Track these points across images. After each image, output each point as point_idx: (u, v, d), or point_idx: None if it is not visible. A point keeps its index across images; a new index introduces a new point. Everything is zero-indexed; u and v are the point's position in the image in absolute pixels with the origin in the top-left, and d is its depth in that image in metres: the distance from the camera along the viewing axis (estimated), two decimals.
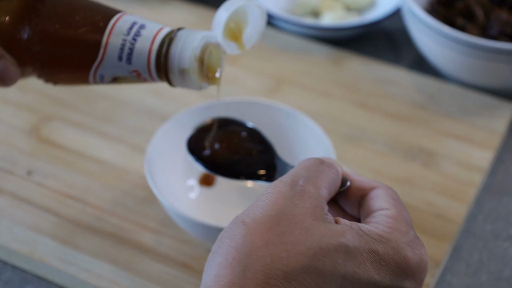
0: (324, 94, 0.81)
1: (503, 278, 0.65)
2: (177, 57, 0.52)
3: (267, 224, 0.42)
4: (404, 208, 0.47)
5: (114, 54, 0.53)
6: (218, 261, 0.41)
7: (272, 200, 0.43)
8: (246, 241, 0.41)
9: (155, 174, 0.63)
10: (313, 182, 0.45)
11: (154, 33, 0.53)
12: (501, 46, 0.76)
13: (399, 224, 0.45)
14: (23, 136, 0.75)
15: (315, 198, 0.44)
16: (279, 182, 0.44)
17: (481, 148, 0.75)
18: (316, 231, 0.42)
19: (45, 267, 0.64)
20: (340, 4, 0.93)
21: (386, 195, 0.47)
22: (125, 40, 0.53)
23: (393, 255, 0.43)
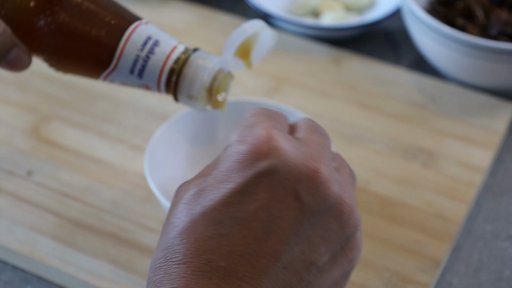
0: (324, 94, 0.81)
1: (503, 278, 0.65)
2: (187, 84, 0.54)
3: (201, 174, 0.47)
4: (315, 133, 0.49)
5: (126, 67, 0.54)
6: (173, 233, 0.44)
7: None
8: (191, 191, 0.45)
9: (155, 174, 0.63)
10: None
11: (167, 52, 0.54)
12: (501, 46, 0.76)
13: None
14: (23, 136, 0.75)
15: None
16: None
17: (481, 148, 0.75)
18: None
19: (45, 267, 0.64)
20: (340, 4, 0.93)
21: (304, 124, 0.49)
22: (138, 56, 0.54)
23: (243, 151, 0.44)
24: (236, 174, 0.43)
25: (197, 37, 0.89)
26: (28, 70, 0.82)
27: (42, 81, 0.81)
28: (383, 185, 0.71)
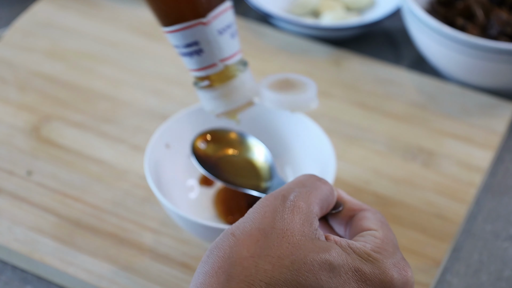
0: (324, 94, 0.81)
1: (503, 278, 0.65)
2: (220, 99, 0.58)
3: (255, 237, 0.43)
4: (391, 231, 0.48)
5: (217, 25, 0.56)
6: (205, 269, 0.42)
7: (262, 213, 0.44)
8: (233, 251, 0.42)
9: (155, 174, 0.63)
10: (305, 198, 0.45)
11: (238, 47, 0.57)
12: (501, 46, 0.76)
13: (386, 245, 0.46)
14: (23, 136, 0.75)
15: (305, 213, 0.44)
16: (270, 196, 0.45)
17: (481, 148, 0.75)
18: (302, 246, 0.42)
19: (45, 267, 0.64)
20: (340, 4, 0.93)
21: (374, 218, 0.48)
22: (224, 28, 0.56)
23: (379, 275, 0.44)
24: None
25: None
26: (28, 70, 0.82)
27: (42, 81, 0.81)
28: (383, 185, 0.71)
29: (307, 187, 0.46)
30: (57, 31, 0.88)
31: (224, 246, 0.43)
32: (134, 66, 0.84)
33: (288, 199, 0.45)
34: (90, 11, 0.91)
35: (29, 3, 0.93)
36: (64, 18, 0.90)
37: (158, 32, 0.89)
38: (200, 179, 0.69)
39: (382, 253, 0.45)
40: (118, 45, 0.87)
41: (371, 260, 0.44)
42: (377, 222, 0.48)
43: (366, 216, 0.48)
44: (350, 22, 0.88)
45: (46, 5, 0.91)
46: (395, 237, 0.47)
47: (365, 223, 0.48)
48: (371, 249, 0.45)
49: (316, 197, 0.46)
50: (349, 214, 0.49)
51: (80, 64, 0.84)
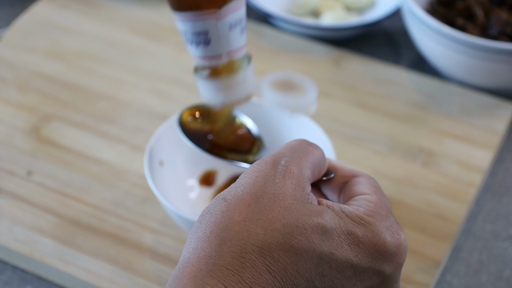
0: (324, 94, 0.81)
1: (503, 278, 0.65)
2: (220, 91, 0.57)
3: (247, 201, 0.43)
4: (384, 196, 0.48)
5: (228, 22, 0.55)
6: (198, 235, 0.42)
7: (253, 178, 0.44)
8: (225, 216, 0.42)
9: (155, 174, 0.63)
10: (296, 162, 0.45)
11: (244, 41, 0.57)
12: (501, 46, 0.76)
13: (379, 208, 0.46)
14: (23, 136, 0.75)
15: (296, 178, 0.44)
16: (261, 161, 0.45)
17: (481, 148, 0.75)
18: (294, 210, 0.43)
19: (45, 267, 0.64)
20: (340, 4, 0.93)
21: (368, 182, 0.48)
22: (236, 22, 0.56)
23: (372, 238, 0.44)
24: (363, 253, 0.44)
25: None
26: (28, 70, 0.82)
27: (42, 81, 0.81)
28: (383, 185, 0.71)
29: (298, 152, 0.46)
30: (57, 31, 0.88)
31: (215, 211, 0.43)
32: (134, 66, 0.84)
33: (280, 164, 0.45)
34: (90, 11, 0.91)
35: (29, 3, 0.93)
36: (64, 18, 0.90)
37: (158, 32, 0.89)
38: (200, 179, 0.69)
39: (375, 217, 0.45)
40: (118, 45, 0.87)
41: (364, 224, 0.44)
42: (370, 186, 0.48)
43: (360, 181, 0.48)
44: (350, 22, 0.88)
45: (46, 5, 0.91)
46: (389, 201, 0.48)
47: (358, 187, 0.48)
48: (364, 213, 0.45)
49: (308, 161, 0.46)
50: (343, 181, 0.49)
51: (80, 64, 0.84)
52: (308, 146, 0.47)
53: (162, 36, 0.88)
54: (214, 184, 0.69)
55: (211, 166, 0.70)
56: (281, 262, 0.41)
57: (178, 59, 0.85)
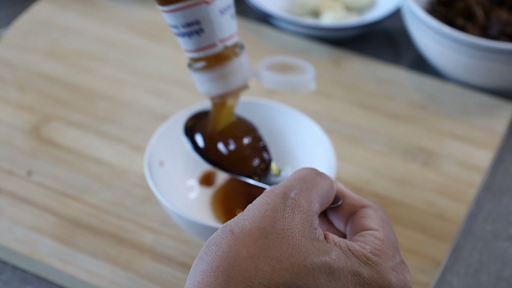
0: (324, 94, 0.81)
1: (503, 278, 0.65)
2: (216, 81, 0.56)
3: (255, 236, 0.42)
4: (392, 231, 0.47)
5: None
6: (203, 267, 0.42)
7: (262, 211, 0.43)
8: (232, 251, 0.41)
9: (155, 174, 0.63)
10: (306, 195, 0.45)
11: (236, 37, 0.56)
12: (501, 46, 0.76)
13: (386, 247, 0.45)
14: (23, 136, 0.75)
15: (305, 212, 0.44)
16: (271, 193, 0.44)
17: (481, 148, 0.75)
18: (302, 248, 0.42)
19: (45, 267, 0.64)
20: (340, 4, 0.93)
21: (376, 216, 0.47)
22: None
23: (377, 279, 0.43)
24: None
25: None
26: (28, 70, 0.82)
27: (42, 81, 0.81)
28: (383, 185, 0.71)
29: (308, 183, 0.46)
30: (57, 31, 0.88)
31: (222, 244, 0.42)
32: (134, 66, 0.84)
33: (289, 197, 0.44)
34: (90, 11, 0.91)
35: (29, 3, 0.93)
36: (64, 18, 0.90)
37: (158, 32, 0.89)
38: (200, 179, 0.69)
39: (381, 256, 0.44)
40: (118, 45, 0.87)
41: (370, 264, 0.44)
42: (379, 221, 0.47)
43: (368, 214, 0.48)
44: (350, 22, 0.88)
45: (46, 5, 0.91)
46: (396, 237, 0.47)
47: (366, 221, 0.47)
48: (370, 252, 0.44)
49: (317, 194, 0.45)
50: (350, 210, 0.48)
51: (80, 64, 0.84)
52: (317, 176, 0.47)
53: (162, 36, 0.88)
54: (214, 184, 0.69)
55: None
56: None
57: (178, 59, 0.85)
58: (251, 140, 0.61)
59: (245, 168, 0.60)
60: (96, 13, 0.91)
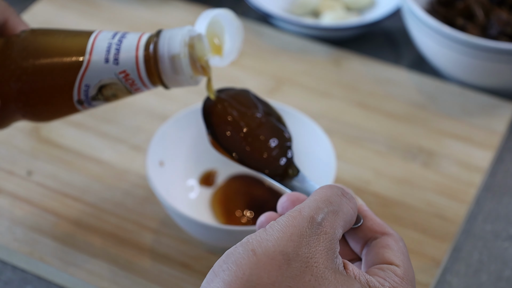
0: (324, 94, 0.81)
1: (503, 278, 0.65)
2: (167, 45, 0.52)
3: (278, 261, 0.41)
4: (411, 267, 0.46)
5: (100, 57, 0.53)
6: (219, 286, 0.40)
7: (287, 234, 0.42)
8: (253, 274, 0.40)
9: (155, 174, 0.63)
10: (331, 221, 0.43)
11: (139, 35, 0.54)
12: (501, 46, 0.76)
13: (404, 286, 0.44)
14: (23, 136, 0.75)
15: (330, 240, 0.43)
16: (298, 214, 0.43)
17: (481, 148, 0.75)
18: (326, 280, 0.41)
19: (45, 267, 0.64)
20: (340, 4, 0.93)
21: (397, 248, 0.46)
22: (110, 43, 0.53)
23: None
24: None
25: None
26: None
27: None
28: (383, 185, 0.71)
29: (334, 205, 0.44)
30: None
31: (243, 265, 0.40)
32: None
33: (316, 222, 0.43)
34: (90, 11, 0.91)
35: (29, 3, 0.93)
36: (64, 18, 0.90)
37: None
38: (200, 179, 0.69)
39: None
40: None
41: None
42: (400, 254, 0.46)
43: (389, 245, 0.46)
44: (350, 22, 0.88)
45: (46, 5, 0.91)
46: (414, 273, 0.46)
47: (387, 253, 0.46)
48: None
49: (342, 219, 0.44)
50: (370, 235, 0.47)
51: None
52: (343, 197, 0.45)
53: None
54: (214, 184, 0.69)
55: (211, 166, 0.70)
56: None
57: None
58: (279, 137, 0.58)
59: (267, 164, 0.56)
60: (96, 13, 0.91)
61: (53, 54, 0.54)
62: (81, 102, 0.55)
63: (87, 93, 0.54)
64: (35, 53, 0.54)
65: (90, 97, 0.54)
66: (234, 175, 0.70)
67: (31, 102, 0.55)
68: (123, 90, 0.54)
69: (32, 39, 0.55)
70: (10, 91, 0.54)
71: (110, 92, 0.54)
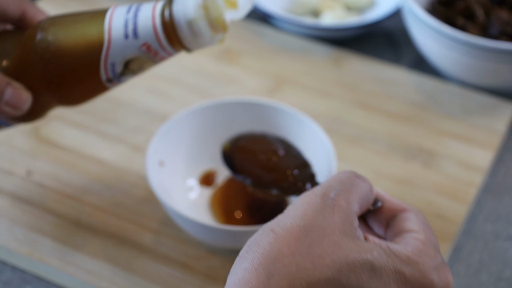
0: (324, 94, 0.81)
1: (503, 278, 0.65)
2: (182, 11, 0.52)
3: (296, 234, 0.42)
4: (433, 233, 0.47)
5: (119, 34, 0.53)
6: (244, 265, 0.42)
7: (302, 211, 0.43)
8: (273, 248, 0.41)
9: (155, 174, 0.63)
10: (345, 196, 0.45)
11: (152, 5, 0.54)
12: (501, 46, 0.76)
13: (427, 248, 0.45)
14: (23, 136, 0.75)
15: (345, 212, 0.44)
16: (311, 193, 0.44)
17: (481, 148, 0.75)
18: (344, 245, 0.42)
19: (45, 267, 0.64)
20: (340, 4, 0.93)
21: (417, 219, 0.47)
22: (126, 18, 0.53)
23: (419, 278, 0.43)
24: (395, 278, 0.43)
25: None
26: None
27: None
28: (383, 185, 0.71)
29: (347, 185, 0.46)
30: None
31: (263, 243, 0.42)
32: None
33: (329, 197, 0.44)
34: None
35: None
36: None
37: None
38: (200, 179, 0.69)
39: (422, 257, 0.44)
40: None
41: (412, 263, 0.43)
42: (419, 223, 0.47)
43: (408, 217, 0.47)
44: (350, 22, 0.88)
45: (46, 5, 0.91)
46: (437, 239, 0.47)
47: (406, 224, 0.47)
48: (412, 252, 0.44)
49: (356, 195, 0.46)
50: (390, 215, 0.48)
51: None
52: (356, 179, 0.47)
53: None
54: (214, 184, 0.69)
55: (211, 166, 0.70)
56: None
57: (178, 59, 0.85)
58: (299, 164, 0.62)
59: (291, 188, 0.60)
60: None
61: (73, 40, 0.55)
62: (110, 80, 0.55)
63: (114, 71, 0.55)
64: (56, 42, 0.55)
65: (117, 74, 0.55)
66: None
67: (62, 90, 0.56)
68: (148, 61, 0.55)
69: (51, 28, 0.56)
70: (40, 82, 0.56)
71: (136, 65, 0.55)
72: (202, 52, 0.87)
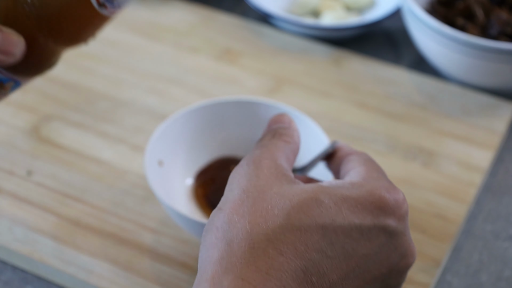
0: (324, 94, 0.81)
1: (503, 278, 0.65)
2: None
3: (239, 201, 0.45)
4: (378, 166, 0.49)
5: None
6: (205, 244, 0.44)
7: (236, 182, 0.46)
8: (225, 221, 0.44)
9: (155, 174, 0.63)
10: (268, 155, 0.48)
11: None
12: (501, 46, 0.76)
13: (370, 173, 0.47)
14: (23, 136, 0.75)
15: (273, 167, 0.47)
16: (237, 167, 0.48)
17: (481, 148, 0.75)
18: (284, 192, 0.44)
19: (45, 267, 0.64)
20: (340, 4, 0.93)
21: (359, 158, 0.50)
22: None
23: (367, 197, 0.45)
24: (363, 213, 0.44)
25: (197, 37, 0.89)
26: None
27: (42, 81, 0.81)
28: None
29: (266, 146, 0.49)
30: None
31: (215, 221, 0.44)
32: (134, 66, 0.84)
33: (253, 161, 0.47)
34: None
35: None
36: None
37: (158, 32, 0.89)
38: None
39: (366, 179, 0.46)
40: (118, 45, 0.87)
41: (356, 186, 0.45)
42: (361, 160, 0.49)
43: (351, 159, 0.50)
44: (350, 22, 0.88)
45: None
46: (383, 170, 0.49)
47: (350, 164, 0.50)
48: (355, 179, 0.46)
49: (277, 151, 0.48)
50: (338, 162, 0.51)
51: (80, 64, 0.84)
52: (273, 138, 0.50)
53: (162, 36, 0.88)
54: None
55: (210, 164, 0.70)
56: (289, 242, 0.42)
57: (178, 59, 0.85)
58: None
59: None
60: None
61: None
62: (103, 5, 0.52)
63: None
64: None
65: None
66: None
67: (55, 27, 0.54)
68: None
69: None
70: (29, 24, 0.53)
71: None
72: (202, 52, 0.87)
